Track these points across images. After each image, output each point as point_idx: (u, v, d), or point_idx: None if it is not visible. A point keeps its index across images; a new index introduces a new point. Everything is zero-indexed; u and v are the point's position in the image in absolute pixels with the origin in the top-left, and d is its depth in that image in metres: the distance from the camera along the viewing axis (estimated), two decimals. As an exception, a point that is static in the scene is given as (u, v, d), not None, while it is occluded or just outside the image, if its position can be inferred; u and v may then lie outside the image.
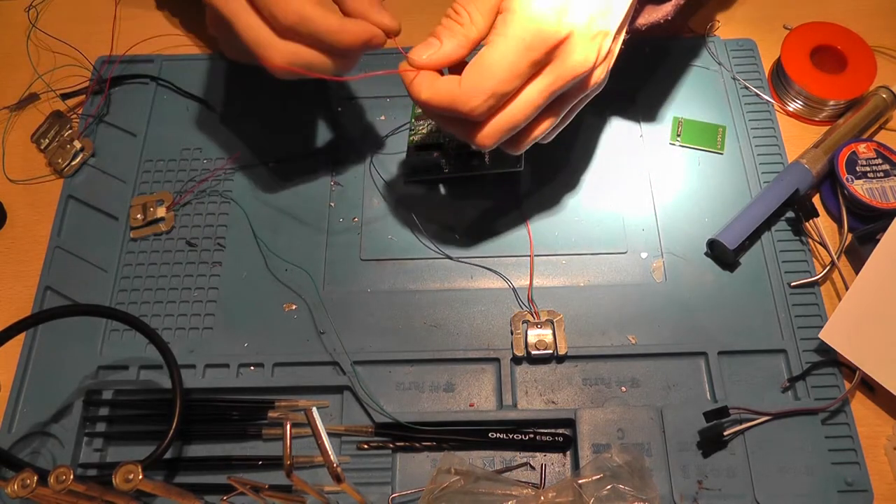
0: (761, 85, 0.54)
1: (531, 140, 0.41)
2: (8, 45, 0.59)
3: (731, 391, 0.43)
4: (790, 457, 0.41)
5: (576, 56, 0.37)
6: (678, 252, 0.48)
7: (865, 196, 0.47)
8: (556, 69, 0.37)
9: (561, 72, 0.37)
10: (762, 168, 0.50)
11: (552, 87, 0.37)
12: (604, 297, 0.47)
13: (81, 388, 0.44)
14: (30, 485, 0.30)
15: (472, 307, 0.47)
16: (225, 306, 0.47)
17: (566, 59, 0.37)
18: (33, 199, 0.52)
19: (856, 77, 0.52)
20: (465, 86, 0.37)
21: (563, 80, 0.37)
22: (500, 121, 0.38)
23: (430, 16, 0.59)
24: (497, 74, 0.36)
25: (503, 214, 0.49)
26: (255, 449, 0.43)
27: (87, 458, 0.43)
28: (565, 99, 0.39)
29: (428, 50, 0.38)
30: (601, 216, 0.49)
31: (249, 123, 0.54)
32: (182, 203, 0.51)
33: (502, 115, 0.38)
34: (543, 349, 0.44)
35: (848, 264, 0.48)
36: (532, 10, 0.36)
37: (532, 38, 0.36)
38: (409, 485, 0.42)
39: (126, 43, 0.57)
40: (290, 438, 0.31)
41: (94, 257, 0.49)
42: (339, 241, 0.49)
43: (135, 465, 0.31)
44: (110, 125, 0.54)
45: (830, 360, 0.44)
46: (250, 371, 0.45)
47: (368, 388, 0.44)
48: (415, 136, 0.49)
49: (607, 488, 0.38)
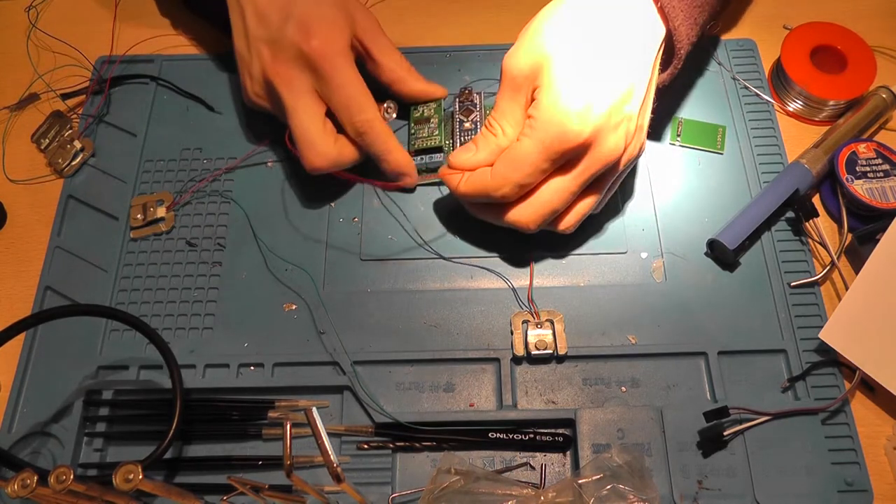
0: (761, 85, 0.54)
1: (576, 218, 0.45)
2: (8, 45, 0.59)
3: (731, 391, 0.43)
4: (790, 457, 0.41)
5: (603, 148, 0.41)
6: (678, 252, 0.48)
7: (865, 196, 0.47)
8: (586, 162, 0.42)
9: (590, 163, 0.42)
10: (762, 168, 0.50)
11: (584, 176, 0.42)
12: (604, 297, 0.47)
13: (81, 388, 0.44)
14: (30, 485, 0.30)
15: (472, 307, 0.47)
16: (225, 306, 0.47)
17: (595, 152, 0.41)
18: (33, 199, 0.52)
19: (856, 77, 0.52)
20: (494, 177, 0.43)
21: (593, 169, 0.42)
22: (539, 206, 0.43)
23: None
24: (521, 168, 0.42)
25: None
26: (255, 449, 0.43)
27: (87, 458, 0.43)
28: (604, 179, 0.44)
29: (465, 154, 0.45)
30: (601, 216, 0.49)
31: (249, 123, 0.54)
32: (182, 203, 0.51)
33: (540, 201, 0.43)
34: (543, 349, 0.44)
35: (848, 264, 0.48)
36: (552, 118, 0.40)
37: (551, 142, 0.41)
38: (409, 485, 0.42)
39: (126, 43, 0.57)
40: (290, 438, 0.31)
41: (94, 257, 0.49)
42: (339, 241, 0.49)
43: (135, 465, 0.31)
44: (110, 125, 0.54)
45: (830, 360, 0.44)
46: (250, 371, 0.45)
47: (368, 388, 0.44)
48: (416, 142, 0.50)
49: (607, 488, 0.38)
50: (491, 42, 0.57)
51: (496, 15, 0.59)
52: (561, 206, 0.43)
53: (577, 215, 0.45)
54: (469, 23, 0.59)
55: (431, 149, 0.50)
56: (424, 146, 0.50)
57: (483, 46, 0.56)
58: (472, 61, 0.55)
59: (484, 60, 0.55)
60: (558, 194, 0.43)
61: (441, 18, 0.59)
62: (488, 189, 0.43)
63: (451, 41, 0.57)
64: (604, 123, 0.40)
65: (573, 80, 0.41)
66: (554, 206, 0.43)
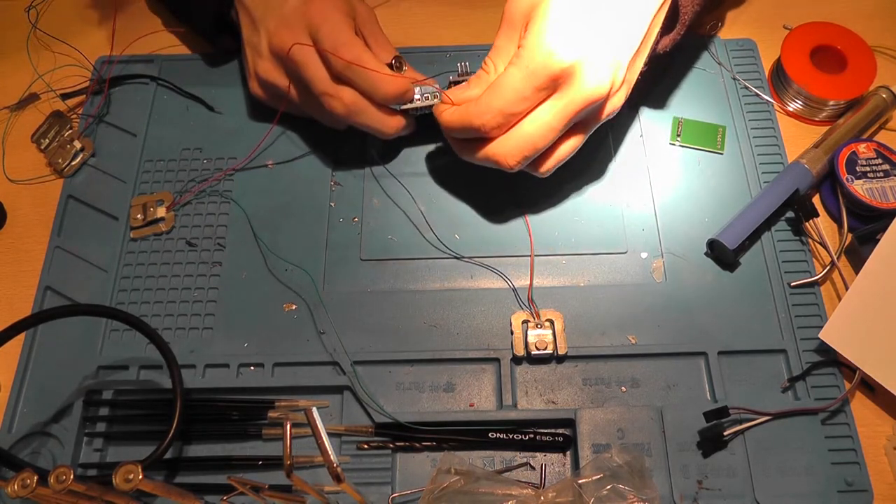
0: (761, 85, 0.54)
1: (555, 161, 0.45)
2: (8, 45, 0.59)
3: (731, 391, 0.43)
4: (790, 457, 0.41)
5: (588, 82, 0.41)
6: (678, 252, 0.48)
7: (865, 196, 0.47)
8: (570, 94, 0.41)
9: (574, 97, 0.41)
10: (762, 168, 0.50)
11: (567, 111, 0.42)
12: (604, 297, 0.47)
13: (81, 388, 0.44)
14: (30, 485, 0.30)
15: (472, 307, 0.47)
16: (225, 306, 0.47)
17: (578, 87, 0.41)
18: (33, 199, 0.52)
19: (856, 77, 0.52)
20: (477, 104, 0.43)
21: (577, 106, 0.41)
22: (520, 141, 0.43)
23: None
24: (504, 95, 0.42)
25: (503, 214, 0.49)
26: (255, 449, 0.43)
27: (87, 458, 0.43)
28: (585, 124, 0.44)
29: (459, 91, 0.46)
30: (601, 216, 0.49)
31: (250, 123, 0.54)
32: (182, 203, 0.51)
33: (522, 137, 0.43)
34: (543, 349, 0.44)
35: (848, 264, 0.48)
36: (538, 44, 0.41)
37: (535, 67, 0.41)
38: (409, 485, 0.42)
39: (126, 43, 0.57)
40: (290, 438, 0.31)
41: (94, 257, 0.49)
42: (339, 241, 0.49)
43: (135, 465, 0.31)
44: (110, 125, 0.54)
45: (830, 360, 0.44)
46: (250, 371, 0.45)
47: (368, 388, 0.44)
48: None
49: (607, 488, 0.38)
50: (491, 42, 0.57)
51: (496, 15, 0.58)
52: (542, 143, 0.43)
53: (557, 159, 0.45)
54: (469, 23, 0.59)
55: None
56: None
57: (483, 46, 0.56)
58: (472, 61, 0.55)
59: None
60: (540, 130, 0.42)
61: (441, 18, 0.59)
62: (471, 117, 0.43)
63: (451, 41, 0.57)
64: (590, 57, 0.40)
65: (564, 13, 0.41)
66: (535, 142, 0.43)
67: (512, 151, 0.43)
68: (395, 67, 0.48)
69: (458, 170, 0.50)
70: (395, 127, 0.48)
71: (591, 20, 0.41)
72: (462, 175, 0.51)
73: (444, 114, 0.45)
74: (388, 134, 0.48)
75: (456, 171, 0.51)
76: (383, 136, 0.48)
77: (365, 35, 0.49)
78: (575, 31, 0.41)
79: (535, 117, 0.42)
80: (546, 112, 0.42)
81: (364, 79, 0.45)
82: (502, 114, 0.42)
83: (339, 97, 0.46)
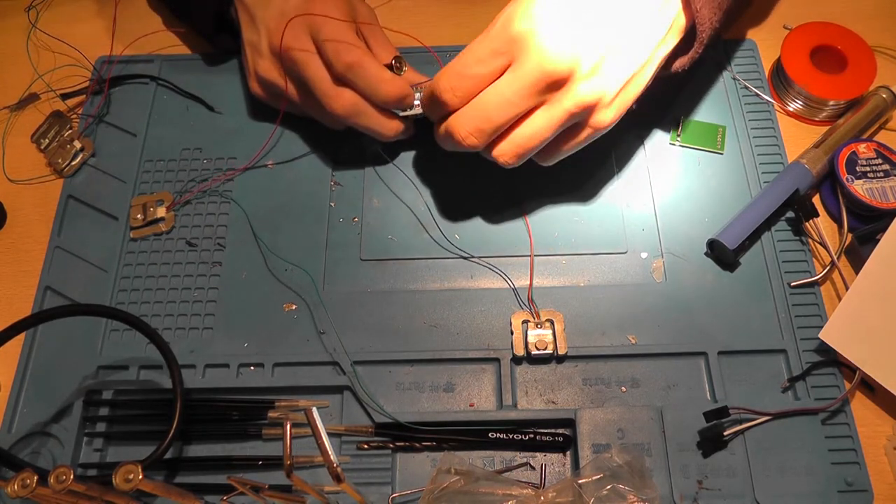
0: (761, 85, 0.54)
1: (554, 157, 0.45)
2: (8, 45, 0.59)
3: (731, 391, 0.43)
4: (790, 457, 0.41)
5: (581, 90, 0.40)
6: (678, 252, 0.48)
7: (865, 196, 0.47)
8: (564, 100, 0.41)
9: (567, 104, 0.41)
10: (762, 168, 0.50)
11: (561, 118, 0.41)
12: (604, 297, 0.47)
13: (81, 388, 0.44)
14: (30, 485, 0.30)
15: (472, 307, 0.47)
16: (225, 306, 0.47)
17: (573, 93, 0.40)
18: (33, 199, 0.52)
19: (856, 77, 0.52)
20: (468, 115, 0.42)
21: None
22: (515, 144, 0.43)
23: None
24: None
25: (503, 214, 0.49)
26: (255, 449, 0.43)
27: (87, 458, 0.43)
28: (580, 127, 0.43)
29: None
30: (601, 216, 0.49)
31: (250, 123, 0.54)
32: (182, 203, 0.51)
33: (516, 141, 0.43)
34: (543, 349, 0.44)
35: (848, 264, 0.48)
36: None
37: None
38: (409, 485, 0.42)
39: (126, 43, 0.57)
40: (290, 438, 0.31)
41: (94, 257, 0.49)
42: (339, 241, 0.49)
43: (135, 465, 0.31)
44: (110, 125, 0.54)
45: (830, 360, 0.44)
46: (250, 371, 0.45)
47: (368, 388, 0.44)
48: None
49: (607, 488, 0.38)
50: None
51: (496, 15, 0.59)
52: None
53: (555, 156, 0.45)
54: (469, 23, 0.59)
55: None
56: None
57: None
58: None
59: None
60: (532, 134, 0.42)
61: (441, 18, 0.59)
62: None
63: (451, 41, 0.57)
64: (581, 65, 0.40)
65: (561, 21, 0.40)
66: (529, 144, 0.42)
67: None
68: (396, 68, 0.49)
69: (459, 170, 0.50)
70: (394, 130, 0.48)
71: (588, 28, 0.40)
72: (462, 175, 0.51)
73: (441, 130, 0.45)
74: (387, 136, 0.48)
75: (456, 172, 0.51)
76: (382, 138, 0.49)
77: (366, 35, 0.49)
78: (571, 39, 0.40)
79: (529, 123, 0.42)
80: (540, 118, 0.42)
81: (364, 81, 0.45)
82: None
83: (339, 98, 0.46)
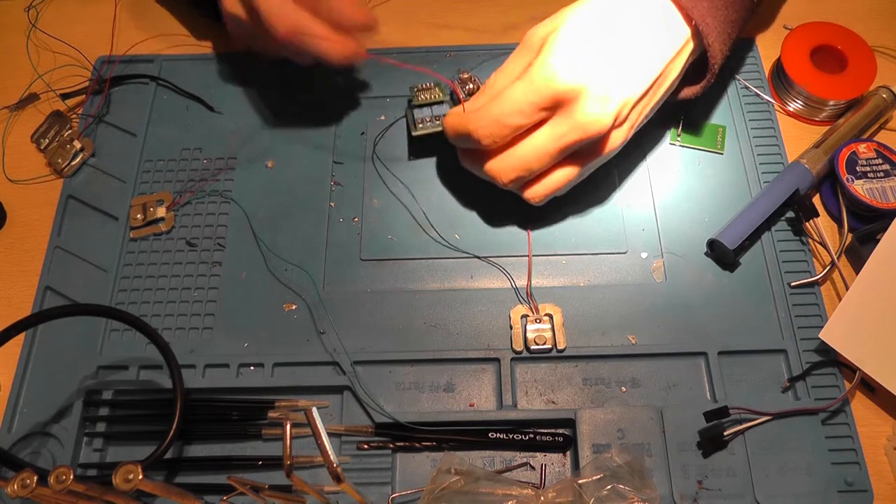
0: (761, 85, 0.54)
1: (544, 189, 0.45)
2: (8, 45, 0.59)
3: (731, 391, 0.43)
4: (790, 457, 0.41)
5: (588, 111, 0.41)
6: (678, 252, 0.48)
7: (865, 196, 0.47)
8: (568, 120, 0.41)
9: (572, 124, 0.41)
10: (762, 168, 0.50)
11: (564, 137, 0.42)
12: (604, 297, 0.47)
13: (81, 388, 0.44)
14: (30, 485, 0.30)
15: (472, 307, 0.47)
16: (225, 306, 0.47)
17: (578, 113, 0.41)
18: (33, 199, 0.52)
19: (856, 77, 0.52)
20: (477, 112, 0.43)
21: (574, 134, 0.42)
22: (515, 158, 0.44)
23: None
24: (502, 106, 0.42)
25: (503, 214, 0.49)
26: (255, 449, 0.43)
27: (87, 458, 0.43)
28: (582, 156, 0.44)
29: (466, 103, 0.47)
30: (601, 216, 0.49)
31: (249, 123, 0.54)
32: (182, 203, 0.51)
33: (516, 154, 0.43)
34: (542, 344, 0.44)
35: (848, 264, 0.48)
36: (545, 61, 0.41)
37: (538, 83, 0.41)
38: (409, 485, 0.42)
39: (126, 43, 0.57)
40: (290, 438, 0.31)
41: (94, 257, 0.49)
42: (339, 241, 0.49)
43: (135, 466, 0.31)
44: (110, 125, 0.54)
45: (830, 360, 0.44)
46: (250, 371, 0.45)
47: (368, 388, 0.44)
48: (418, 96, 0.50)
49: (607, 488, 0.38)
50: (491, 42, 0.57)
51: (496, 15, 0.59)
52: (536, 165, 0.43)
53: (547, 187, 0.45)
54: (469, 23, 0.59)
55: (434, 102, 0.49)
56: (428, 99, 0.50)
57: (483, 46, 0.56)
58: (472, 61, 0.55)
59: (484, 60, 0.55)
60: (535, 151, 0.43)
61: (441, 18, 0.59)
62: (468, 122, 0.43)
63: (451, 41, 0.57)
64: (594, 84, 0.41)
65: (577, 38, 0.42)
66: (529, 162, 0.43)
67: (505, 168, 0.44)
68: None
69: (459, 170, 0.50)
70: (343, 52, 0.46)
71: (603, 51, 0.42)
72: (462, 175, 0.50)
73: (446, 119, 0.46)
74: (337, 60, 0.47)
75: (456, 171, 0.51)
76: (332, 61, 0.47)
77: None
78: (583, 57, 0.41)
79: (532, 139, 0.43)
80: (543, 135, 0.43)
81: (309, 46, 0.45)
82: (497, 123, 0.42)
83: (282, 18, 0.45)
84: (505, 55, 0.46)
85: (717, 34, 0.44)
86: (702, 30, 0.44)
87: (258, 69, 0.56)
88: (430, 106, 0.49)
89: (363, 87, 0.55)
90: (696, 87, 0.47)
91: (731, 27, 0.45)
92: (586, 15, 0.43)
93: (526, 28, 0.45)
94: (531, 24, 0.45)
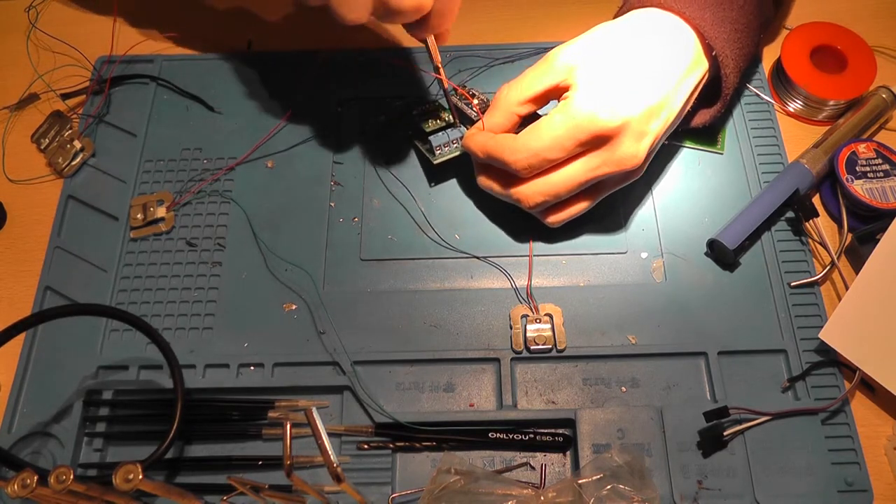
0: (761, 85, 0.54)
1: (567, 215, 0.46)
2: (8, 45, 0.59)
3: (731, 391, 0.43)
4: (790, 457, 0.41)
5: (625, 148, 0.42)
6: (678, 252, 0.48)
7: (865, 196, 0.47)
8: (605, 155, 0.42)
9: (608, 158, 0.42)
10: (762, 168, 0.50)
11: (598, 170, 0.43)
12: (604, 297, 0.47)
13: (81, 388, 0.44)
14: (30, 485, 0.30)
15: (472, 307, 0.47)
16: (225, 306, 0.47)
17: (616, 149, 0.42)
18: (33, 199, 0.52)
19: (856, 77, 0.52)
20: (516, 140, 0.43)
21: (609, 167, 0.43)
22: (545, 185, 0.44)
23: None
24: (543, 140, 0.42)
25: (503, 214, 0.49)
26: (255, 449, 0.43)
27: (87, 458, 0.43)
28: (605, 185, 0.45)
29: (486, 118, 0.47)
30: (601, 216, 0.49)
31: (249, 123, 0.54)
32: (182, 203, 0.51)
33: (548, 181, 0.44)
34: (542, 344, 0.44)
35: (848, 264, 0.48)
36: (589, 100, 0.42)
37: (582, 121, 0.42)
38: (409, 485, 0.42)
39: (126, 43, 0.57)
40: (290, 438, 0.31)
41: (94, 257, 0.49)
42: (339, 241, 0.49)
43: (135, 466, 0.31)
44: (110, 125, 0.54)
45: (830, 360, 0.44)
46: (250, 371, 0.45)
47: (368, 388, 0.44)
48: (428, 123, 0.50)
49: (607, 488, 0.38)
50: (491, 42, 0.57)
51: (496, 15, 0.59)
52: (564, 192, 0.44)
53: (570, 214, 0.46)
54: (469, 23, 0.58)
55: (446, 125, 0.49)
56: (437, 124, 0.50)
57: (483, 46, 0.56)
58: (472, 61, 0.55)
59: (484, 60, 0.55)
60: (565, 180, 0.44)
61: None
62: (504, 151, 0.44)
63: (451, 41, 0.57)
64: (632, 124, 0.42)
65: (610, 76, 0.42)
66: (558, 190, 0.44)
67: (534, 194, 0.45)
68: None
69: (459, 170, 0.50)
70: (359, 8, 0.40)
71: (637, 89, 0.42)
72: (462, 175, 0.51)
73: (472, 140, 0.46)
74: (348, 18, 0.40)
75: (456, 172, 0.51)
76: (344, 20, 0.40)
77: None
78: (621, 95, 0.42)
79: (566, 169, 0.43)
80: (577, 166, 0.43)
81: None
82: (537, 157, 0.43)
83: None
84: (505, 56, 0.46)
85: (734, 66, 0.45)
86: (721, 60, 0.45)
87: (258, 69, 0.56)
88: (444, 130, 0.49)
89: (363, 87, 0.55)
90: (707, 115, 0.49)
91: (743, 60, 0.47)
92: (615, 46, 0.44)
93: (524, 29, 0.45)
94: (529, 25, 0.45)
